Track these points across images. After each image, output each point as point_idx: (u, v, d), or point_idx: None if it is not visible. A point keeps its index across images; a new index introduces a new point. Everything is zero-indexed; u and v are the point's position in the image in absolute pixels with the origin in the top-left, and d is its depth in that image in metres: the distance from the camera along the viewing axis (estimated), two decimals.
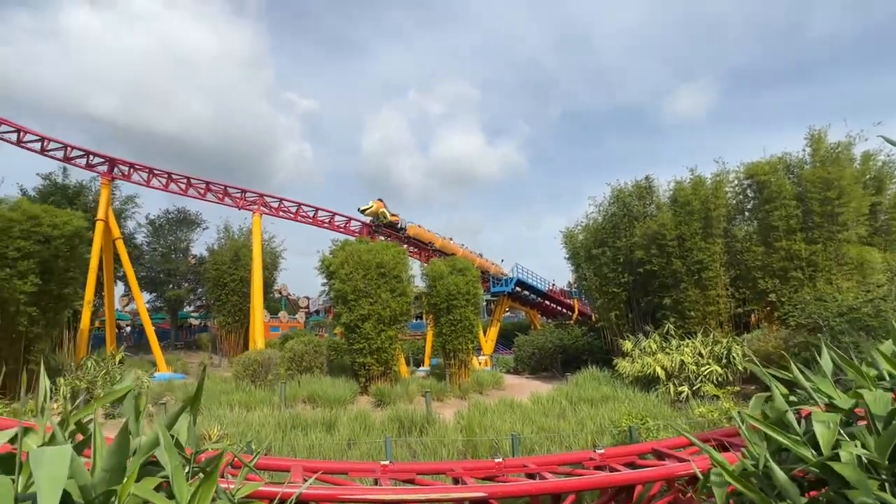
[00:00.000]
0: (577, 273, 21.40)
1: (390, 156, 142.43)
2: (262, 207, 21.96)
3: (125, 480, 1.81)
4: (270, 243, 29.23)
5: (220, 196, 22.11)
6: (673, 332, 15.32)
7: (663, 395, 13.21)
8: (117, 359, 13.97)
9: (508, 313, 33.61)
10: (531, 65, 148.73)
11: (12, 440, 2.22)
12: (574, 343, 20.46)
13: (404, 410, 10.49)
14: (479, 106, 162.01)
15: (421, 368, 21.66)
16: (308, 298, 44.12)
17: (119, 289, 27.01)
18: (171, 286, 30.88)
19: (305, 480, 3.70)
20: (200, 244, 52.43)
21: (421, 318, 26.22)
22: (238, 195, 22.16)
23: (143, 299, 23.70)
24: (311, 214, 23.32)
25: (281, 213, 22.81)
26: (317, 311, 43.95)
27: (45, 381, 2.38)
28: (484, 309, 28.89)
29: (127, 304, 34.54)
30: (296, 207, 23.05)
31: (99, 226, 19.18)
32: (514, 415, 10.98)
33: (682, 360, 13.97)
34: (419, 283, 18.77)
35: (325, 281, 17.32)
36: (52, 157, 20.31)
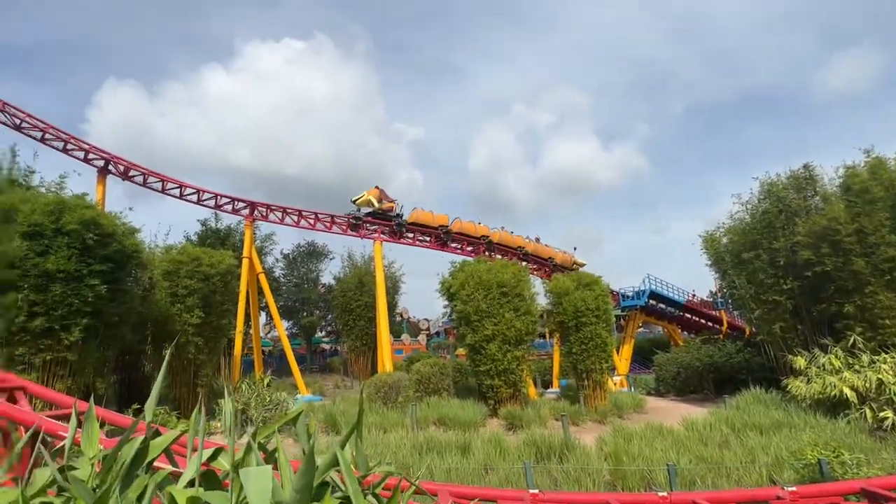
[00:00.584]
0: (724, 281, 19.02)
1: (499, 172, 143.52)
2: (381, 235, 23.37)
3: (323, 501, 1.78)
4: (390, 268, 30.97)
5: (345, 227, 24.02)
6: (861, 346, 12.79)
7: (857, 421, 11.10)
8: (265, 382, 15.59)
9: (642, 329, 31.13)
10: (643, 61, 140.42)
11: (210, 458, 2.36)
12: (727, 361, 18.09)
13: (540, 435, 10.02)
14: (590, 111, 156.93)
15: (550, 390, 20.87)
16: (428, 321, 45.66)
17: (261, 318, 30.74)
18: (304, 314, 34.27)
19: None
20: (328, 273, 57.58)
21: (544, 337, 25.45)
22: (360, 225, 23.93)
23: (283, 326, 26.47)
24: (427, 240, 24.29)
25: (400, 240, 24.07)
26: (437, 333, 45.23)
27: (228, 406, 2.51)
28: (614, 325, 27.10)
29: (268, 332, 39.10)
30: (412, 234, 24.19)
31: (245, 262, 21.97)
32: (664, 442, 9.87)
33: (879, 380, 11.58)
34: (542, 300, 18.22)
35: (446, 303, 17.68)
36: (205, 206, 23.88)
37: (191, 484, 2.32)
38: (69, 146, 21.07)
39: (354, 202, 22.88)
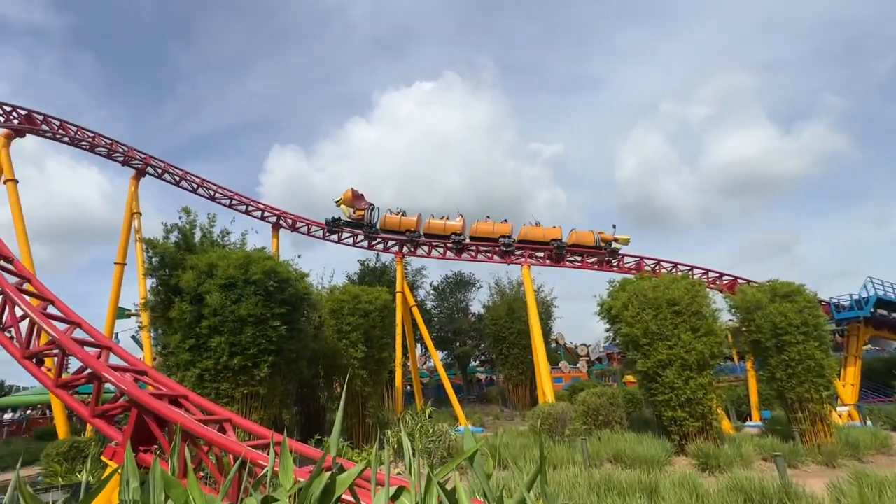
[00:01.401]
0: None
1: (650, 180, 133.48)
2: (528, 259, 23.09)
3: None
4: (540, 292, 30.38)
5: (490, 255, 24.33)
6: None
7: None
8: (427, 413, 16.10)
9: (869, 347, 25.19)
10: (826, 24, 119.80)
11: (394, 496, 2.25)
12: None
13: (746, 479, 8.38)
14: (758, 94, 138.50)
15: (749, 423, 17.82)
16: (587, 346, 43.37)
17: (417, 349, 32.42)
18: (457, 344, 35.22)
19: None
20: (477, 302, 58.86)
21: (732, 359, 22.09)
22: (505, 251, 24.01)
23: (438, 357, 27.48)
24: (578, 259, 23.31)
25: (548, 262, 23.48)
26: (599, 360, 42.62)
27: (407, 444, 2.41)
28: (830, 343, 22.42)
29: (424, 363, 40.99)
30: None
31: (398, 297, 23.50)
32: None
33: None
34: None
35: (607, 326, 16.50)
36: (360, 248, 26.41)
37: None
38: (250, 208, 25.31)
39: (338, 203, 23.93)
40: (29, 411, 28.35)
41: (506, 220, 24.19)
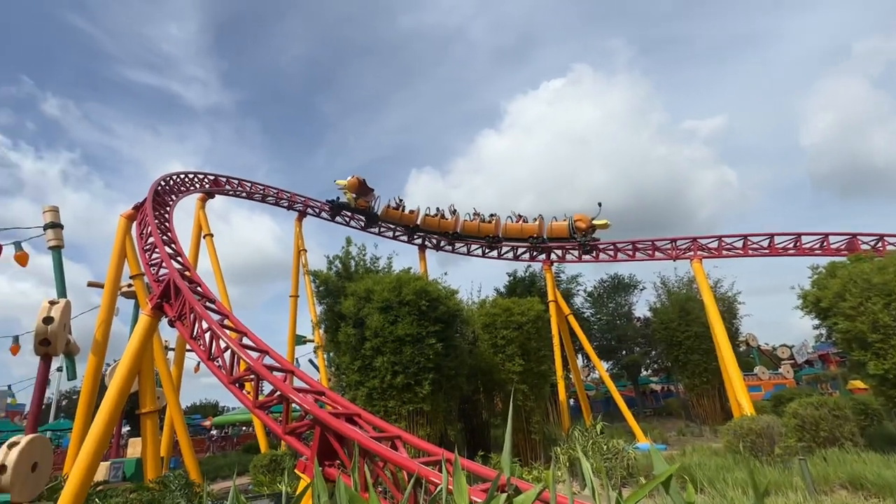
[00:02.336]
0: None
1: (854, 137, 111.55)
2: (698, 252, 20.77)
3: None
4: (718, 288, 27.12)
5: (650, 252, 22.44)
6: None
7: None
8: (598, 428, 15.21)
9: None
10: None
11: None
12: None
13: None
14: None
15: None
16: (789, 347, 37.29)
17: (579, 360, 31.12)
18: (623, 352, 32.97)
19: None
20: (642, 305, 54.75)
21: None
22: (667, 246, 21.90)
23: (603, 367, 26.00)
24: (763, 244, 20.22)
25: (724, 252, 20.85)
26: (808, 363, 36.34)
27: (586, 464, 2.18)
28: None
29: (588, 375, 39.09)
30: (741, 241, 20.60)
31: (552, 307, 22.91)
32: None
33: None
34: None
35: (816, 322, 13.97)
36: (505, 259, 26.48)
37: None
38: (397, 232, 27.18)
39: (337, 184, 24.00)
40: (244, 428, 33.91)
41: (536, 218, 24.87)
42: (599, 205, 23.49)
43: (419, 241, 27.03)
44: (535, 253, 25.40)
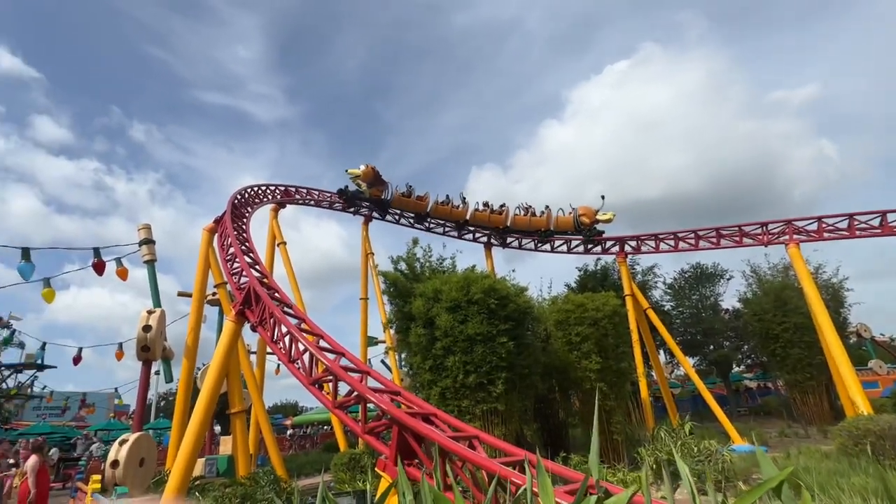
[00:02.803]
0: None
1: None
2: (794, 236, 19.14)
3: None
4: (820, 275, 24.94)
5: (738, 239, 20.98)
6: None
7: None
8: (686, 428, 14.44)
9: None
10: None
11: None
12: None
13: None
14: None
15: None
16: None
17: (661, 357, 29.72)
18: (710, 347, 31.09)
19: None
20: (731, 295, 51.41)
21: None
22: (757, 231, 20.36)
23: (689, 364, 24.64)
24: (874, 223, 18.25)
25: (826, 235, 19.05)
26: None
27: (683, 467, 2.08)
28: None
29: (672, 372, 37.14)
30: (845, 221, 18.72)
31: (628, 301, 22.06)
32: None
33: None
34: None
35: None
36: (576, 253, 25.81)
37: None
38: (462, 232, 27.30)
39: (349, 173, 23.45)
40: (323, 427, 35.53)
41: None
42: (602, 197, 23.70)
43: (484, 238, 27.01)
44: (607, 245, 24.58)
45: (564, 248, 25.72)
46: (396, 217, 27.34)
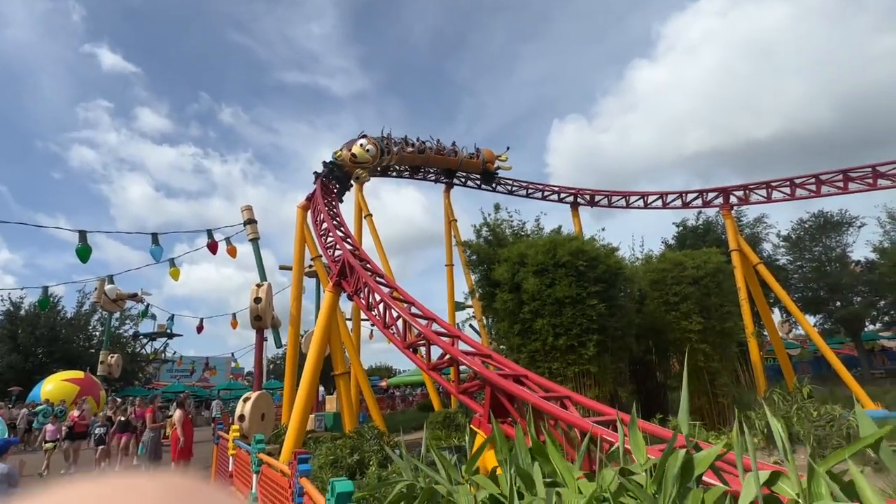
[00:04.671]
0: None
1: None
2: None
3: None
4: None
5: (871, 181, 18.72)
6: None
7: None
8: (804, 391, 13.60)
9: None
10: None
11: (768, 482, 2.10)
12: None
13: None
14: None
15: None
16: None
17: (776, 315, 27.67)
18: (837, 303, 28.39)
19: None
20: (863, 245, 46.33)
21: None
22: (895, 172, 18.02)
23: (809, 323, 22.81)
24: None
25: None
26: None
27: (776, 425, 2.18)
28: None
29: (789, 331, 34.46)
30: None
31: (734, 256, 20.68)
32: None
33: None
34: None
35: None
36: (672, 208, 24.41)
37: None
38: (546, 193, 26.85)
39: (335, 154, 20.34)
40: (416, 389, 37.63)
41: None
42: (507, 149, 24.85)
43: (570, 199, 26.39)
44: (709, 197, 23.01)
45: (659, 203, 24.47)
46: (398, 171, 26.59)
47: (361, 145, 20.06)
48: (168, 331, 37.57)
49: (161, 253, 17.87)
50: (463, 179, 28.34)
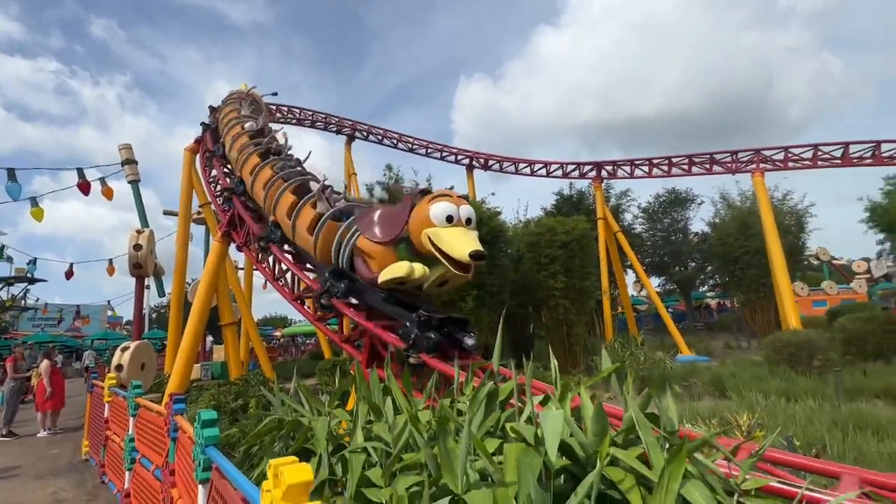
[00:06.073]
0: None
1: None
2: (761, 164, 19.82)
3: (603, 443, 2.05)
4: (785, 203, 26.08)
5: (708, 167, 21.58)
6: None
7: None
8: (639, 340, 16.00)
9: None
10: None
11: (542, 401, 2.89)
12: None
13: None
14: None
15: None
16: (867, 261, 35.81)
17: (630, 276, 31.43)
18: (677, 268, 32.81)
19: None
20: (700, 220, 53.11)
21: None
22: (727, 159, 20.93)
23: (651, 283, 26.26)
24: (837, 154, 18.93)
25: (791, 165, 19.76)
26: (886, 277, 34.83)
27: (607, 359, 2.97)
28: None
29: (640, 290, 39.32)
30: (810, 152, 19.37)
31: (600, 224, 23.04)
32: None
33: None
34: None
35: (881, 237, 13.59)
36: (554, 177, 26.27)
37: (528, 420, 2.88)
38: (444, 153, 27.44)
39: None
40: (308, 340, 37.62)
41: None
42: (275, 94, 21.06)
43: (466, 161, 27.26)
44: (585, 170, 25.07)
45: (544, 171, 26.18)
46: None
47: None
48: (29, 275, 33.35)
49: (19, 191, 15.76)
50: (365, 134, 27.98)
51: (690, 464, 2.29)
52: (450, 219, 6.04)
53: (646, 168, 23.24)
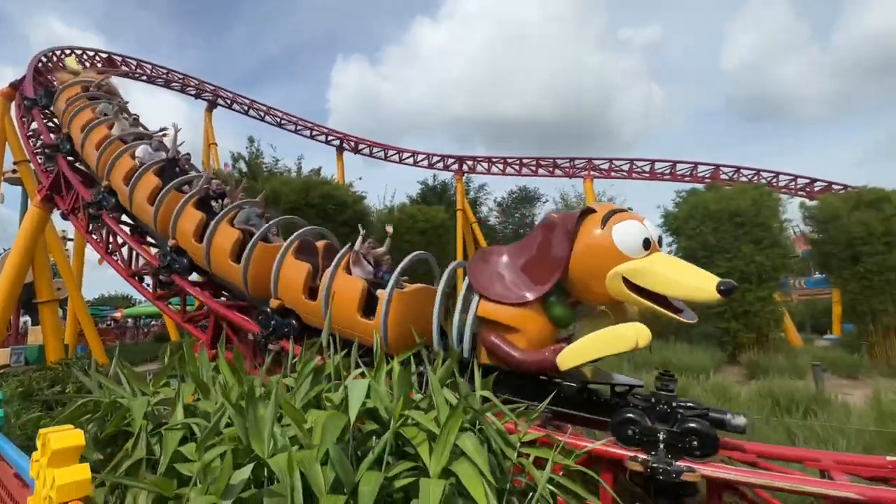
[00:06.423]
0: None
1: (770, 64, 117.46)
2: (591, 172, 22.62)
3: (397, 406, 2.39)
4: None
5: (551, 169, 23.96)
6: None
7: None
8: None
9: None
10: None
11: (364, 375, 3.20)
12: None
13: (781, 386, 8.65)
14: None
15: (827, 336, 17.61)
16: None
17: None
18: None
19: None
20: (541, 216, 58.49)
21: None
22: (566, 165, 23.49)
23: None
24: (646, 169, 22.38)
25: (613, 174, 22.99)
26: None
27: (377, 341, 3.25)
28: None
29: None
30: (627, 165, 22.79)
31: (459, 215, 24.33)
32: None
33: None
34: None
35: (670, 240, 16.42)
36: (421, 167, 27.00)
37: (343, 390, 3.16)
38: (314, 132, 26.50)
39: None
40: (153, 321, 33.87)
41: None
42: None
43: (337, 142, 26.66)
44: (449, 162, 26.13)
45: (411, 160, 26.70)
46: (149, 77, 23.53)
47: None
48: None
49: None
50: (229, 102, 25.75)
51: (481, 424, 2.84)
52: (647, 244, 3.98)
53: (501, 166, 25.04)
